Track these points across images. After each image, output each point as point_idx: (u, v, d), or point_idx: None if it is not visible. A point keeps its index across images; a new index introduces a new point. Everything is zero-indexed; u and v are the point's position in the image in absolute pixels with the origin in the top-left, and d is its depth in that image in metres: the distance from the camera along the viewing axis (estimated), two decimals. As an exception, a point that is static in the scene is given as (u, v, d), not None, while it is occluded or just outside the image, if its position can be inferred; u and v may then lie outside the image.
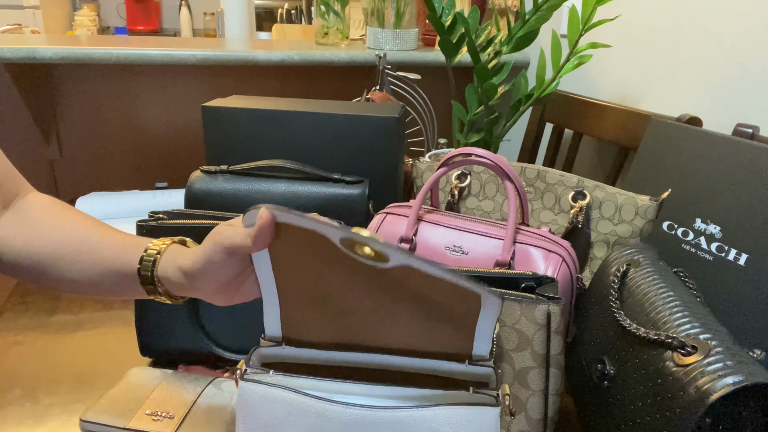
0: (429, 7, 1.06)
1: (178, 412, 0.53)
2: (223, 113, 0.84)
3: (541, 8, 1.03)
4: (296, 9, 3.18)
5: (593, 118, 1.13)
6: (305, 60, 1.37)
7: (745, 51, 0.88)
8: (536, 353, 0.51)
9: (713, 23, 0.93)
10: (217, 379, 0.58)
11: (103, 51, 1.24)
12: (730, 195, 0.67)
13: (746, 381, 0.38)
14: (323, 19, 1.54)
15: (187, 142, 1.55)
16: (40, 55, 1.22)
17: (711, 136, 0.72)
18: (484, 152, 0.65)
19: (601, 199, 0.73)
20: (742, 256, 0.65)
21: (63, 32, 3.22)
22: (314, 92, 1.58)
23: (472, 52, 1.05)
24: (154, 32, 3.37)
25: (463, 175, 0.84)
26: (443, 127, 1.61)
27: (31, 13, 2.86)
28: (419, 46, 1.61)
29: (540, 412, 0.52)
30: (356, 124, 0.82)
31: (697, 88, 0.97)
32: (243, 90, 1.55)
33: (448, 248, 0.65)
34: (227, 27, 2.29)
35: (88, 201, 1.01)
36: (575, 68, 1.03)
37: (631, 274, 0.54)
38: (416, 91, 1.25)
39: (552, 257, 0.61)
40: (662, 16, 1.05)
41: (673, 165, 0.76)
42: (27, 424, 0.55)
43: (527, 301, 0.51)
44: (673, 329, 0.45)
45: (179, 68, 1.48)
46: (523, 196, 0.67)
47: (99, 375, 0.63)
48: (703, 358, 0.41)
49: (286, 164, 0.79)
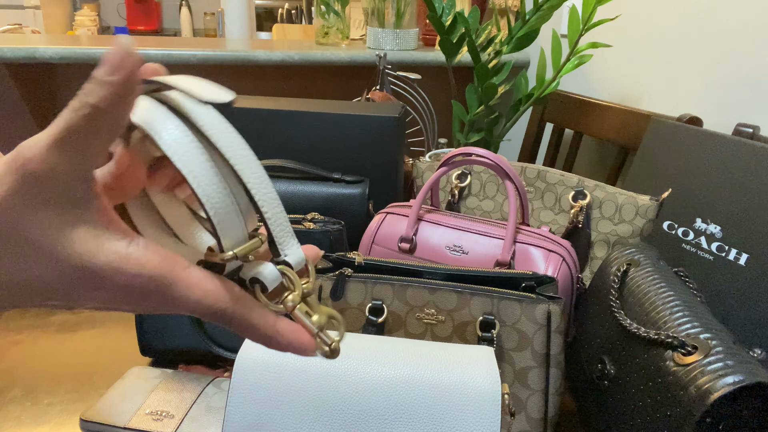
0: (429, 7, 1.06)
1: (178, 411, 0.52)
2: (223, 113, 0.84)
3: (542, 8, 1.03)
4: (296, 9, 3.18)
5: (593, 118, 1.13)
6: (305, 60, 1.37)
7: (745, 51, 0.88)
8: (536, 353, 0.51)
9: (713, 23, 0.93)
10: (217, 379, 0.58)
11: (103, 51, 1.24)
12: (731, 195, 0.67)
13: (746, 380, 0.38)
14: (323, 19, 1.54)
15: (187, 141, 1.55)
16: (41, 55, 1.22)
17: (711, 136, 0.72)
18: (485, 152, 0.65)
19: (601, 199, 0.73)
20: (743, 256, 0.65)
21: (63, 32, 3.22)
22: (314, 92, 1.58)
23: (472, 52, 1.05)
24: (155, 32, 3.36)
25: (463, 175, 0.84)
26: (443, 127, 1.61)
27: (31, 13, 2.87)
28: (419, 46, 1.61)
29: (540, 412, 0.51)
30: (356, 124, 0.82)
31: (697, 88, 0.97)
32: (243, 90, 1.54)
33: (449, 248, 0.65)
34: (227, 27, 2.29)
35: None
36: (575, 68, 1.03)
37: (631, 273, 0.54)
38: (416, 90, 1.25)
39: (552, 257, 0.61)
40: (662, 16, 1.05)
41: (674, 165, 0.76)
42: (27, 423, 0.55)
43: (527, 300, 0.51)
44: (673, 329, 0.45)
45: (179, 68, 1.48)
46: (523, 195, 0.67)
47: (99, 375, 0.62)
48: (703, 357, 0.41)
49: (286, 164, 0.79)
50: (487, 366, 0.40)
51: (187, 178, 0.23)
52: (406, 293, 0.54)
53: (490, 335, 0.51)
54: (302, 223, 0.67)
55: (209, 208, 0.23)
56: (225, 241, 0.24)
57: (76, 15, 3.18)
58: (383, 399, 0.38)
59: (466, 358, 0.40)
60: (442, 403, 0.38)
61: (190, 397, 0.55)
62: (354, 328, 0.55)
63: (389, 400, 0.38)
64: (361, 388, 0.38)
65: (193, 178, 0.23)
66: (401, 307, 0.54)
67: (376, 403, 0.38)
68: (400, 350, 0.41)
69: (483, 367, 0.40)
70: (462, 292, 0.53)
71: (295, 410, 0.39)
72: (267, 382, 0.40)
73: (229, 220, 0.24)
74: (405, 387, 0.38)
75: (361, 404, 0.38)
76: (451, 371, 0.39)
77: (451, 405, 0.38)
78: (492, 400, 0.38)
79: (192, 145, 0.23)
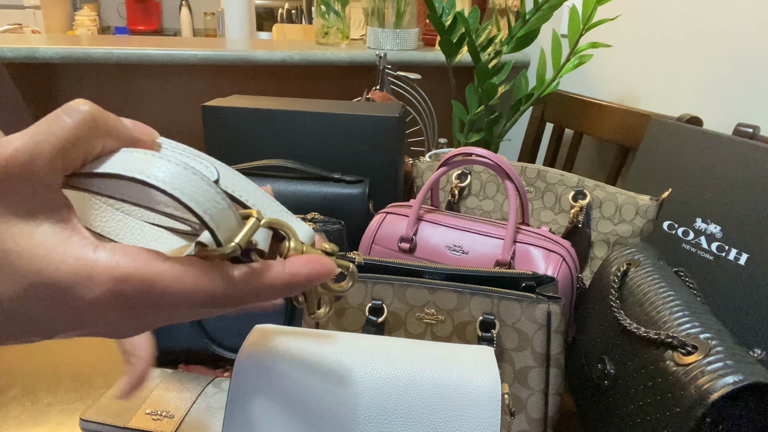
0: (429, 7, 1.06)
1: (178, 411, 0.52)
2: (223, 113, 0.84)
3: (542, 8, 1.03)
4: (296, 9, 3.18)
5: (593, 118, 1.13)
6: (305, 60, 1.37)
7: (745, 51, 0.88)
8: (536, 353, 0.51)
9: (714, 23, 0.93)
10: (217, 379, 0.58)
11: (103, 51, 1.24)
12: (731, 195, 0.67)
13: (746, 380, 0.38)
14: (323, 18, 1.54)
15: (187, 141, 1.54)
16: (41, 55, 1.22)
17: (711, 136, 0.72)
18: (485, 152, 0.65)
19: (601, 199, 0.73)
20: (743, 255, 0.65)
21: (63, 32, 3.22)
22: (314, 92, 1.58)
23: (472, 51, 1.05)
24: (155, 32, 3.37)
25: (463, 175, 0.84)
26: (443, 127, 1.61)
27: (31, 12, 2.87)
28: (419, 45, 1.61)
29: (540, 412, 0.51)
30: (356, 123, 0.82)
31: (697, 88, 0.97)
32: (243, 90, 1.55)
33: (449, 248, 0.65)
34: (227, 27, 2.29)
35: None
36: (575, 68, 1.03)
37: (631, 273, 0.54)
38: (416, 90, 1.25)
39: (552, 257, 0.61)
40: (662, 16, 1.05)
41: (674, 165, 0.76)
42: (27, 423, 0.55)
43: (527, 300, 0.51)
44: (673, 329, 0.45)
45: (179, 68, 1.48)
46: (523, 195, 0.67)
47: (99, 374, 0.62)
48: (703, 357, 0.41)
49: (286, 164, 0.79)
50: (487, 366, 0.40)
51: (175, 194, 0.21)
52: (406, 293, 0.54)
53: (490, 335, 0.51)
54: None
55: (195, 207, 0.21)
56: (220, 233, 0.22)
57: (76, 15, 3.18)
58: (383, 399, 0.38)
59: (466, 358, 0.40)
60: (441, 403, 0.38)
61: (190, 397, 0.55)
62: (354, 328, 0.55)
63: (389, 400, 0.38)
64: (361, 389, 0.38)
65: (180, 193, 0.21)
66: (401, 307, 0.54)
67: (375, 404, 0.38)
68: (400, 350, 0.41)
69: (483, 368, 0.40)
70: (462, 292, 0.53)
71: (295, 411, 0.39)
72: (267, 383, 0.40)
73: (221, 212, 0.22)
74: (404, 387, 0.38)
75: (361, 404, 0.38)
76: (450, 371, 0.39)
77: (451, 405, 0.38)
78: (492, 401, 0.38)
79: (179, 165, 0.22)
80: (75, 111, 0.21)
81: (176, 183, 0.21)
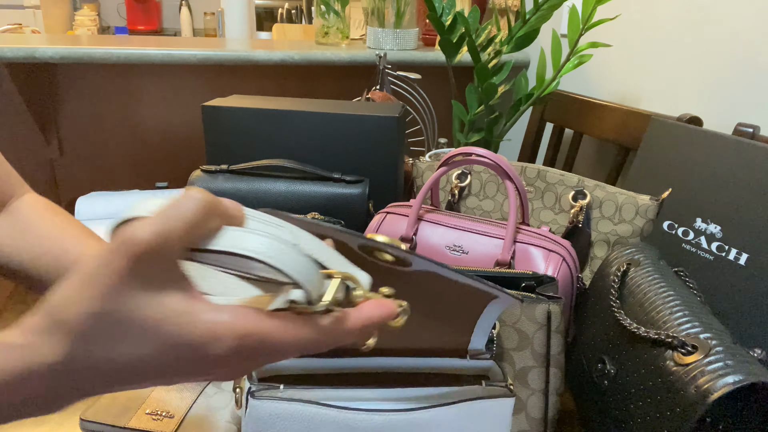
0: (429, 7, 1.06)
1: (178, 411, 0.52)
2: (223, 113, 0.84)
3: (542, 8, 1.03)
4: (296, 9, 3.18)
5: (593, 118, 1.13)
6: (305, 60, 1.37)
7: (745, 51, 0.88)
8: (536, 352, 0.51)
9: (714, 23, 0.93)
10: (217, 379, 0.58)
11: (103, 51, 1.24)
12: (731, 195, 0.67)
13: (746, 380, 0.38)
14: (323, 18, 1.54)
15: (187, 141, 1.55)
16: (41, 55, 1.22)
17: (711, 135, 0.72)
18: (485, 152, 0.65)
19: (601, 199, 0.73)
20: (743, 255, 0.65)
21: (63, 32, 3.22)
22: (314, 92, 1.58)
23: (472, 51, 1.05)
24: (155, 32, 3.36)
25: (463, 175, 0.84)
26: (443, 127, 1.61)
27: (31, 12, 2.86)
28: (419, 45, 1.61)
29: (540, 412, 0.52)
30: (356, 123, 0.82)
31: (697, 88, 0.97)
32: (243, 90, 1.55)
33: (449, 247, 0.65)
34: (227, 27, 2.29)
35: (88, 201, 1.01)
36: (575, 68, 1.03)
37: (631, 273, 0.54)
38: (416, 90, 1.25)
39: (552, 257, 0.61)
40: (662, 16, 1.05)
41: (674, 165, 0.76)
42: (27, 423, 0.55)
43: (528, 300, 0.51)
44: (673, 328, 0.45)
45: (179, 68, 1.48)
46: (523, 195, 0.67)
47: (99, 374, 0.62)
48: (703, 357, 0.41)
49: (286, 164, 0.79)
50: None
51: (271, 263, 0.25)
52: (406, 293, 0.54)
53: (490, 335, 0.51)
54: (302, 223, 0.67)
55: (296, 277, 0.25)
56: (312, 294, 0.26)
57: (76, 15, 3.18)
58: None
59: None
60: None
61: (190, 396, 0.55)
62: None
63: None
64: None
65: (275, 262, 0.25)
66: (401, 306, 0.54)
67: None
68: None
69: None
70: (462, 292, 0.53)
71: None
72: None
73: (310, 276, 0.26)
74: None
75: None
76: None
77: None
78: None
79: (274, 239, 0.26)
80: (195, 199, 0.25)
81: (277, 256, 0.25)
